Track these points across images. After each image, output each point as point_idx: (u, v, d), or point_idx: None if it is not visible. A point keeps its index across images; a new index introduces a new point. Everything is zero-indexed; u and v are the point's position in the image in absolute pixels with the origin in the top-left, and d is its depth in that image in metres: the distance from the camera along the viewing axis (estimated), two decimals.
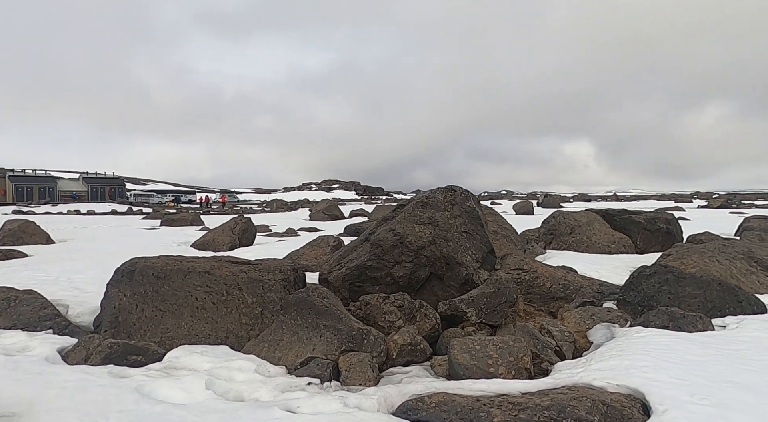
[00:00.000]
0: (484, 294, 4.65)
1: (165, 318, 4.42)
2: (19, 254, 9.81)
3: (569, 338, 4.25)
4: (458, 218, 5.11)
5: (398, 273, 5.06)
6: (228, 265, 4.72)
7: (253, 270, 4.62)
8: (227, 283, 4.48)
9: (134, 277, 4.65)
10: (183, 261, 4.76)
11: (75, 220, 24.43)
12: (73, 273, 7.51)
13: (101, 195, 55.01)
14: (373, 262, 5.18)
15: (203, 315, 4.39)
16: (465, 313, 4.60)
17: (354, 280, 5.31)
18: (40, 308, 4.86)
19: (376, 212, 25.73)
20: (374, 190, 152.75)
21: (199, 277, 4.52)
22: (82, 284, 6.54)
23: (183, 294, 4.47)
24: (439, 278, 5.07)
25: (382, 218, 5.63)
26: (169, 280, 4.54)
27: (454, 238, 5.00)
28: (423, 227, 5.12)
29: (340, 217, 25.41)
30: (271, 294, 4.48)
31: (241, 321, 4.38)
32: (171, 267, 4.60)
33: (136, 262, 4.75)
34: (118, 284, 4.73)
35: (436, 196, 5.27)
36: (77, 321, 5.05)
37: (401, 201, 5.66)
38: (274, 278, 4.57)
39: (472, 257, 5.02)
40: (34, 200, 48.11)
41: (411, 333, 4.13)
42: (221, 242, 11.80)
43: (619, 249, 10.04)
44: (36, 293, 5.24)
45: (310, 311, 4.09)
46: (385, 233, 5.21)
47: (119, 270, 4.82)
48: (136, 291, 4.58)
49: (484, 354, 3.55)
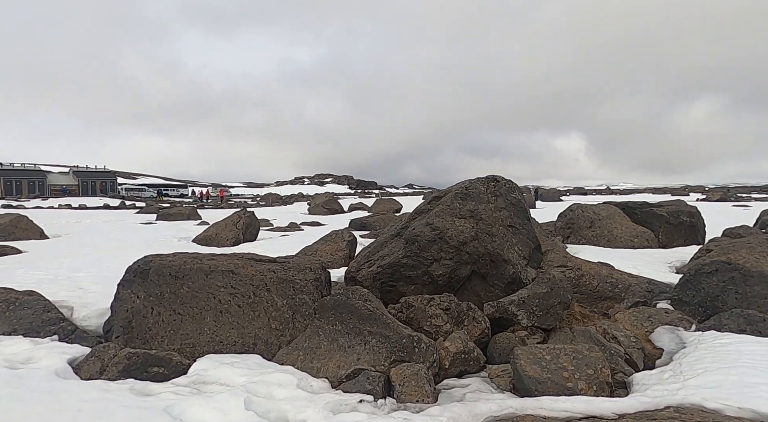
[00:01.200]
0: (536, 295, 4.23)
1: (185, 323, 3.96)
2: (13, 250, 9.26)
3: (637, 344, 3.85)
4: (503, 211, 4.67)
5: (437, 272, 4.63)
6: (253, 263, 4.26)
7: (282, 269, 4.16)
8: (254, 283, 4.02)
9: (149, 277, 4.17)
10: (203, 259, 4.29)
11: (67, 214, 23.73)
12: (72, 271, 7.00)
13: (92, 189, 53.95)
14: (408, 259, 4.74)
15: (228, 320, 3.93)
16: (515, 316, 4.18)
17: (386, 279, 4.87)
18: (42, 311, 4.38)
19: (376, 205, 25.29)
20: (367, 184, 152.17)
21: (222, 277, 4.05)
22: (84, 284, 6.04)
23: (204, 296, 4.01)
24: (482, 277, 4.64)
25: (415, 211, 5.18)
26: (189, 280, 4.08)
27: (499, 233, 4.57)
28: (464, 220, 4.68)
29: (340, 211, 24.93)
30: (303, 296, 4.03)
31: (271, 325, 3.93)
32: (190, 266, 4.13)
33: (150, 260, 4.27)
34: (131, 285, 4.25)
35: (478, 187, 4.83)
36: (84, 325, 4.57)
37: (436, 192, 5.21)
38: (305, 278, 4.12)
39: (519, 253, 4.60)
40: (23, 194, 47.10)
41: (463, 340, 3.70)
42: (224, 238, 11.30)
43: (642, 243, 9.67)
44: (37, 294, 4.75)
45: (351, 316, 3.64)
46: (421, 227, 4.77)
47: (131, 269, 4.34)
48: (152, 293, 4.11)
49: (557, 365, 3.13)
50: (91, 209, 29.44)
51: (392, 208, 24.50)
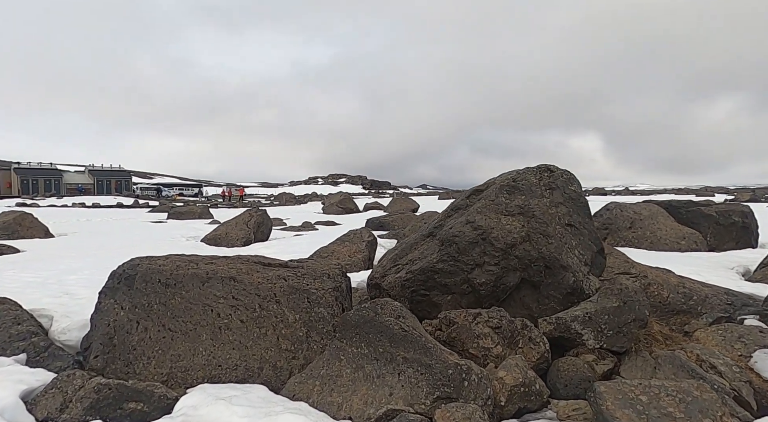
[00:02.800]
0: (604, 310, 3.43)
1: (176, 341, 3.24)
2: (10, 249, 8.69)
3: (742, 375, 3.03)
4: (561, 207, 3.88)
5: (479, 279, 3.85)
6: (260, 268, 3.53)
7: (294, 276, 3.42)
8: (260, 294, 3.29)
9: (135, 284, 3.47)
10: (199, 263, 3.57)
11: (79, 213, 23.40)
12: (66, 273, 6.36)
13: (107, 188, 54.02)
14: (444, 264, 3.98)
15: (228, 338, 3.21)
16: (579, 335, 3.39)
17: (417, 287, 4.11)
18: (12, 323, 3.70)
19: (393, 205, 24.54)
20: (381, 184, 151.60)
21: (222, 285, 3.32)
22: (74, 288, 5.38)
23: (200, 309, 3.29)
24: (534, 287, 3.85)
25: (451, 208, 4.41)
26: (182, 289, 3.36)
27: (555, 233, 3.77)
28: (512, 218, 3.90)
29: (355, 210, 24.22)
30: (320, 309, 3.29)
31: (281, 346, 3.19)
32: (183, 272, 3.42)
33: (137, 264, 3.57)
34: (114, 294, 3.55)
35: (528, 178, 4.04)
36: (62, 339, 3.88)
37: (476, 186, 4.44)
38: (322, 288, 3.38)
39: (580, 258, 3.80)
40: (39, 193, 47.24)
41: (521, 368, 2.92)
42: (234, 237, 10.63)
43: (690, 246, 8.77)
44: (10, 302, 4.09)
45: (381, 337, 2.88)
46: (460, 226, 4.00)
47: (115, 275, 3.64)
48: (138, 303, 3.40)
49: (659, 410, 2.34)
50: (104, 208, 29.17)
51: (409, 207, 23.73)
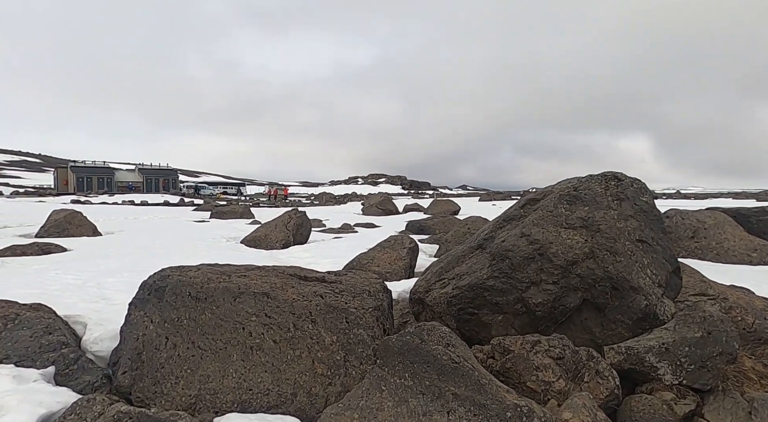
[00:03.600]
0: (684, 340, 2.97)
1: (205, 361, 3.01)
2: (58, 248, 8.88)
3: None
4: (630, 221, 3.43)
5: (535, 299, 3.46)
6: (295, 283, 3.26)
7: (332, 293, 3.14)
8: (295, 312, 3.02)
9: (165, 296, 3.28)
10: (232, 276, 3.34)
11: (127, 211, 24.17)
12: (105, 275, 6.36)
13: (155, 186, 56.01)
14: (496, 281, 3.60)
15: (260, 359, 2.95)
16: (654, 369, 2.95)
17: (465, 304, 3.75)
18: (43, 332, 3.59)
19: (433, 207, 24.10)
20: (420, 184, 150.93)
21: (254, 301, 3.08)
22: (111, 292, 5.32)
23: (231, 326, 3.05)
24: (598, 309, 3.42)
25: (503, 218, 4.02)
26: (213, 304, 3.13)
27: (624, 250, 3.33)
28: (573, 232, 3.48)
29: (395, 212, 23.93)
30: (360, 331, 2.99)
31: (316, 370, 2.91)
32: (215, 285, 3.19)
33: (167, 275, 3.38)
34: (144, 306, 3.37)
35: (592, 186, 3.60)
36: (94, 349, 3.75)
37: (531, 194, 4.03)
38: (362, 307, 3.07)
39: (653, 279, 3.34)
40: (93, 190, 49.45)
41: (590, 409, 2.52)
42: (274, 239, 10.53)
43: (762, 259, 7.98)
44: (44, 309, 4.00)
45: (427, 368, 2.55)
46: (514, 239, 3.61)
47: (146, 285, 3.47)
48: (167, 317, 3.21)
49: None
50: (151, 206, 30.09)
51: (450, 210, 23.24)
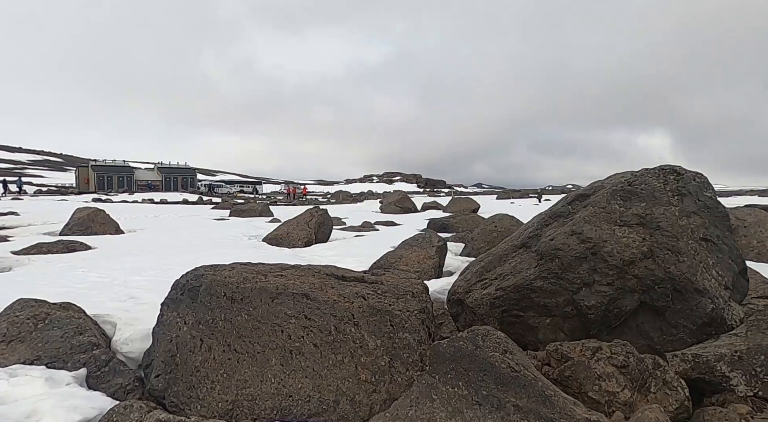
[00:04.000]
0: (760, 348, 2.74)
1: (242, 365, 2.87)
2: (82, 246, 8.87)
3: None
4: (694, 218, 3.19)
5: (587, 301, 3.24)
6: (334, 283, 3.10)
7: (374, 294, 2.96)
8: (336, 314, 2.85)
9: (199, 297, 3.14)
10: (268, 275, 3.19)
11: (148, 209, 24.35)
12: (131, 273, 6.28)
13: (174, 185, 56.61)
14: (544, 282, 3.39)
15: (300, 364, 2.79)
16: (726, 378, 2.72)
17: (510, 306, 3.55)
18: (74, 333, 3.48)
19: (452, 205, 23.85)
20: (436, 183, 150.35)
21: (293, 303, 2.92)
22: (138, 291, 5.23)
23: (269, 329, 2.90)
24: (657, 313, 3.19)
25: (549, 215, 3.81)
26: (249, 304, 2.99)
27: (687, 249, 3.09)
28: (629, 230, 3.25)
29: (413, 210, 23.72)
30: (405, 335, 2.81)
31: (359, 376, 2.74)
32: (251, 285, 3.04)
33: (201, 274, 3.24)
34: (177, 306, 3.24)
35: (648, 181, 3.37)
36: (125, 350, 3.64)
37: (579, 190, 3.81)
38: (407, 309, 2.89)
39: (719, 280, 3.09)
40: (113, 189, 50.16)
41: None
42: (296, 237, 10.42)
43: None
44: (74, 308, 3.91)
45: (484, 376, 2.36)
46: (564, 238, 3.40)
47: (179, 285, 3.34)
48: (202, 319, 3.07)
49: None
50: (170, 204, 30.33)
51: (469, 207, 22.96)
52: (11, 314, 3.61)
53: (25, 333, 3.45)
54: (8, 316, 3.59)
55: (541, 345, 3.50)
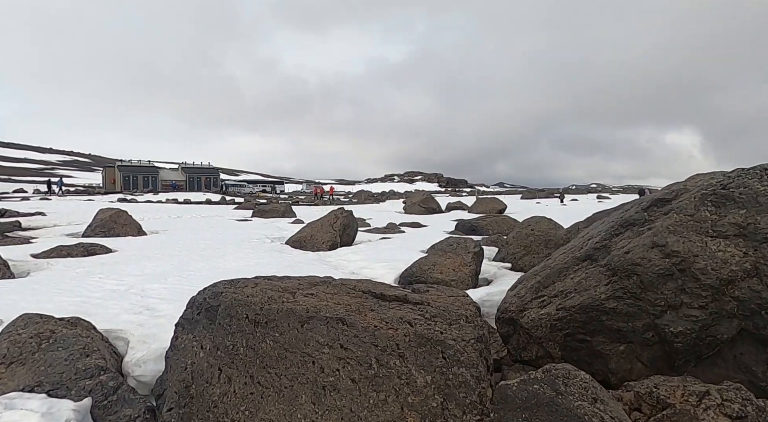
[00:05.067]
0: None
1: (267, 401, 2.43)
2: (102, 249, 8.63)
3: None
4: None
5: (673, 327, 2.72)
6: (373, 304, 2.64)
7: (422, 319, 2.49)
8: (378, 343, 2.39)
9: (217, 318, 2.72)
10: (296, 293, 2.75)
11: (171, 209, 24.37)
12: (150, 280, 5.95)
13: (197, 184, 57.08)
14: (618, 302, 2.88)
15: (335, 403, 2.34)
16: None
17: (574, 330, 3.04)
18: (80, 354, 3.11)
19: (477, 205, 23.21)
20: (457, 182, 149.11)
21: (326, 328, 2.47)
22: (155, 301, 4.87)
23: (299, 359, 2.46)
24: (762, 343, 2.64)
25: (620, 223, 3.28)
26: (275, 329, 2.55)
27: None
28: (726, 242, 2.71)
29: (438, 210, 23.16)
30: (461, 370, 2.33)
31: (406, 420, 2.28)
32: (278, 306, 2.61)
33: (220, 292, 2.82)
34: (193, 328, 2.83)
35: (749, 183, 2.82)
36: (136, 374, 3.25)
37: (656, 194, 3.27)
38: (462, 338, 2.42)
39: None
40: (138, 189, 50.81)
41: None
42: (320, 240, 10.02)
43: None
44: (82, 324, 3.54)
45: None
46: (642, 250, 2.87)
47: (195, 303, 2.92)
48: (221, 344, 2.65)
49: None
50: (194, 204, 30.40)
51: (495, 208, 22.31)
52: (13, 332, 3.26)
53: (27, 354, 3.09)
54: (10, 334, 3.24)
55: (612, 375, 2.99)
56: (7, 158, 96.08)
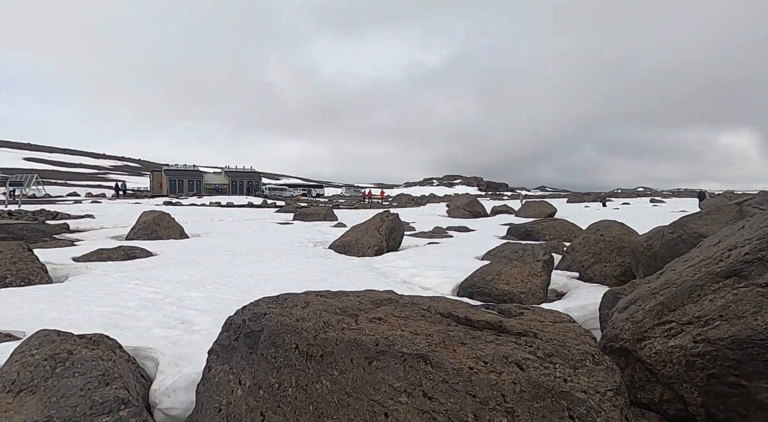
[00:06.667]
0: None
1: None
2: (143, 252, 8.35)
3: None
4: None
5: None
6: (462, 334, 1.99)
7: (534, 359, 1.82)
8: (476, 393, 1.74)
9: (260, 346, 2.14)
10: (360, 317, 2.13)
11: (214, 212, 24.49)
12: (188, 288, 5.51)
13: (240, 188, 57.99)
14: None
15: None
16: None
17: (723, 370, 2.28)
18: (98, 383, 2.60)
19: (525, 209, 22.14)
20: (498, 185, 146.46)
21: (403, 369, 1.84)
22: (191, 312, 4.38)
23: (366, 408, 1.83)
24: None
25: None
26: (334, 366, 1.94)
27: None
28: None
29: (483, 214, 22.24)
30: None
31: None
32: (336, 335, 1.99)
33: (263, 313, 2.24)
34: (230, 357, 2.26)
35: None
36: (165, 406, 2.72)
37: None
38: (595, 389, 1.73)
39: None
40: (183, 192, 52.05)
41: None
42: (365, 245, 9.45)
43: None
44: (105, 342, 3.04)
45: None
46: None
47: (232, 325, 2.36)
48: (263, 381, 2.06)
49: None
50: (236, 207, 30.61)
51: (544, 211, 21.18)
52: (26, 353, 2.79)
53: (38, 381, 2.61)
54: (22, 355, 2.78)
55: None
56: (64, 163, 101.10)
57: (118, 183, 47.65)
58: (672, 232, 6.08)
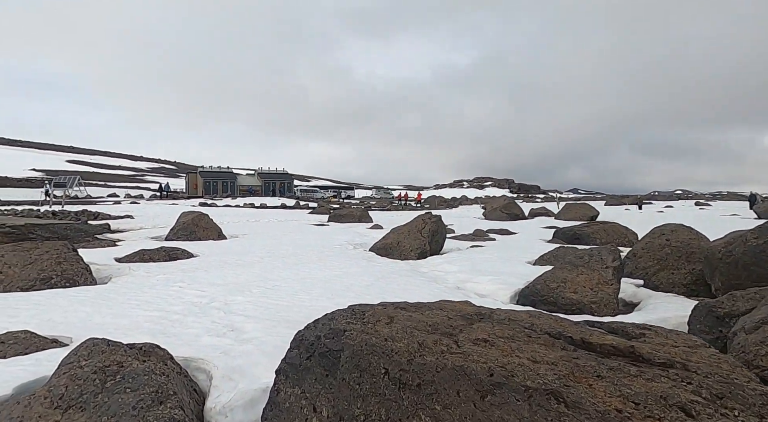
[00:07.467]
0: None
1: None
2: (184, 254, 8.23)
3: None
4: None
5: None
6: (594, 364, 1.61)
7: (703, 402, 1.43)
8: None
9: (340, 369, 1.81)
10: (460, 337, 1.78)
11: (249, 213, 24.59)
12: (232, 291, 5.28)
13: (272, 190, 58.52)
14: None
15: None
16: None
17: None
18: (152, 401, 2.33)
19: (566, 211, 21.36)
20: (529, 188, 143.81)
21: (528, 407, 1.48)
22: (240, 319, 4.13)
23: None
24: None
25: None
26: (434, 399, 1.60)
27: None
28: None
29: (522, 216, 21.57)
30: None
31: None
32: (435, 360, 1.65)
33: (342, 329, 1.92)
34: (302, 379, 1.94)
35: None
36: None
37: None
38: None
39: None
40: (218, 194, 52.84)
41: None
42: (408, 247, 9.10)
43: None
44: (157, 353, 2.78)
45: None
46: None
47: (303, 342, 2.04)
48: (345, 411, 1.74)
49: None
50: (270, 209, 30.74)
51: (586, 214, 20.37)
52: (75, 364, 2.56)
53: (88, 396, 2.37)
54: (71, 366, 2.55)
55: None
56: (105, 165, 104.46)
57: (161, 184, 50.19)
58: (757, 237, 5.49)
